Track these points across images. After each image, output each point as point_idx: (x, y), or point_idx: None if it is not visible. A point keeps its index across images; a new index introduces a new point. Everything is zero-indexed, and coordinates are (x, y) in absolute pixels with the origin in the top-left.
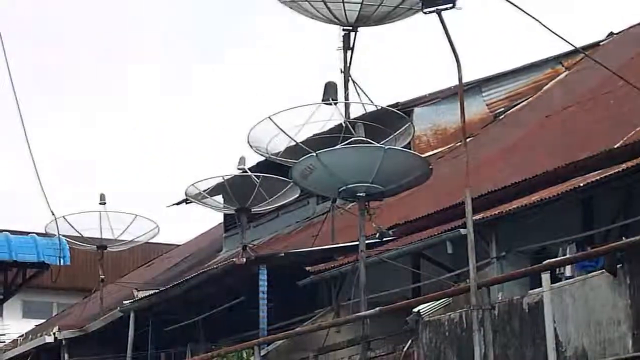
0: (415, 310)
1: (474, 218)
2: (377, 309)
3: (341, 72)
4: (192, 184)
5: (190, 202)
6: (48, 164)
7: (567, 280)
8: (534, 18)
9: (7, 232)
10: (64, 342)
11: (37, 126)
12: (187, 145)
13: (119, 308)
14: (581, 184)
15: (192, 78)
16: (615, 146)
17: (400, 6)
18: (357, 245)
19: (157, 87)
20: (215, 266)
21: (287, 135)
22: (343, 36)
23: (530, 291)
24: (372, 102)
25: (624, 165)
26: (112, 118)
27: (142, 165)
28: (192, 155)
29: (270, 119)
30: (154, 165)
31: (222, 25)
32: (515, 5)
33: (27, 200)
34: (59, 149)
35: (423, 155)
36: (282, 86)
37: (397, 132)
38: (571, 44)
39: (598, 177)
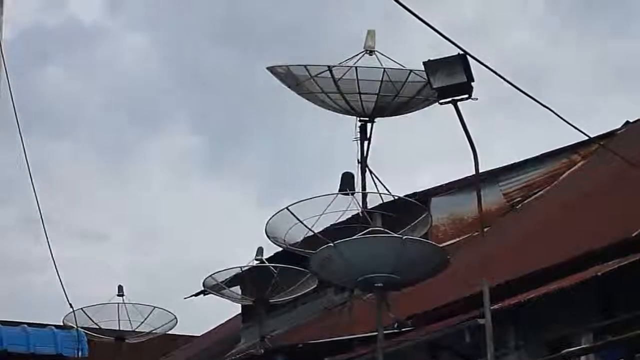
0: None
1: (491, 307)
2: None
3: (358, 162)
4: (210, 275)
5: (208, 293)
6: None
7: None
8: (548, 108)
9: (25, 325)
10: None
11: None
12: (205, 236)
13: None
14: (599, 273)
15: (210, 166)
16: (633, 235)
17: (417, 97)
18: (375, 335)
19: (176, 171)
20: (233, 357)
21: (305, 225)
22: (360, 127)
23: None
24: (389, 192)
25: None
26: (128, 205)
27: (160, 256)
28: (210, 245)
29: (288, 210)
30: (172, 255)
31: (241, 114)
32: (530, 96)
33: (44, 291)
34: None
35: (441, 245)
36: (300, 176)
37: (415, 221)
38: (586, 134)
39: (616, 266)
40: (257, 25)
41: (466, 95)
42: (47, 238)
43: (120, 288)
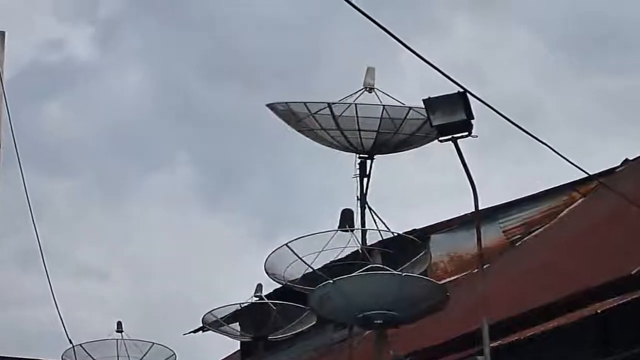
0: None
1: (491, 345)
2: None
3: (357, 199)
4: (210, 312)
5: (207, 329)
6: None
7: None
8: (547, 145)
9: None
10: None
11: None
12: (205, 272)
13: None
14: (599, 310)
15: (208, 202)
16: (632, 272)
17: (416, 134)
18: None
19: (174, 207)
20: None
21: (304, 262)
22: (359, 164)
23: None
24: (388, 229)
25: None
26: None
27: (159, 292)
28: (208, 281)
29: (287, 246)
30: (171, 291)
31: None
32: (529, 133)
33: (42, 327)
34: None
35: (440, 282)
36: (299, 213)
37: (414, 259)
38: (585, 172)
39: (616, 304)
40: (252, 61)
41: (466, 133)
42: (46, 273)
43: (119, 324)
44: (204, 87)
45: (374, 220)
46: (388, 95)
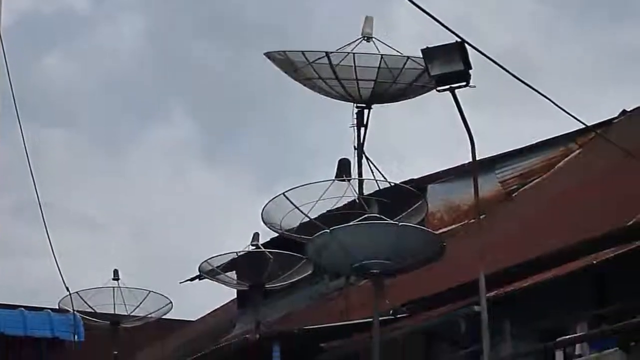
0: None
1: (487, 295)
2: None
3: (354, 149)
4: (206, 260)
5: (204, 278)
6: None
7: (580, 359)
8: (545, 97)
9: (22, 308)
10: None
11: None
12: (201, 221)
13: None
14: (594, 262)
15: (206, 154)
16: (629, 223)
17: (414, 84)
18: (370, 322)
19: (172, 159)
20: (228, 342)
21: (301, 211)
22: (356, 113)
23: None
24: (385, 179)
25: (637, 243)
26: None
27: (154, 240)
28: (206, 231)
29: (285, 196)
30: (167, 240)
31: (231, 100)
32: (526, 84)
33: (40, 275)
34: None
35: (436, 232)
36: (296, 163)
37: (411, 209)
38: (583, 123)
39: (612, 255)
40: (249, 13)
41: (464, 83)
42: (44, 223)
43: (115, 272)
44: (200, 40)
45: (371, 170)
46: (386, 44)
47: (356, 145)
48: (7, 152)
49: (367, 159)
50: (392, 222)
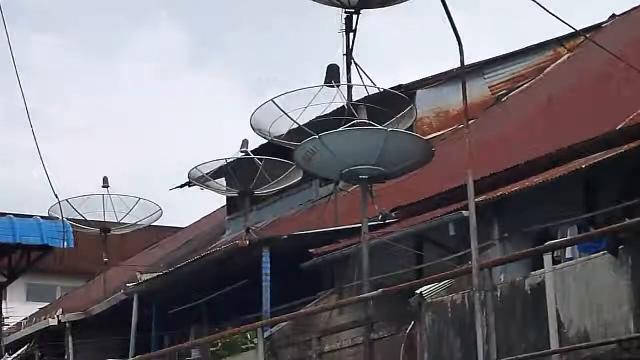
0: (418, 292)
1: (476, 200)
2: (380, 290)
3: (343, 55)
4: (195, 167)
5: (194, 185)
6: (52, 147)
7: (570, 262)
8: (534, 1)
9: (11, 215)
10: (68, 325)
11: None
12: (190, 129)
13: (122, 291)
14: (583, 166)
15: (195, 60)
16: (617, 128)
17: None
18: (360, 227)
19: (159, 67)
20: (218, 249)
21: (290, 118)
22: (345, 19)
23: (533, 273)
24: (374, 84)
25: (625, 147)
26: (113, 100)
27: (144, 148)
28: (195, 139)
29: (274, 102)
30: (157, 148)
31: (221, 8)
32: None
33: (29, 184)
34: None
35: (426, 138)
36: (283, 69)
37: (400, 114)
38: (572, 27)
39: (600, 159)
40: None
41: None
42: (32, 131)
43: (105, 179)
44: None
45: (360, 77)
46: None
47: (345, 51)
48: None
49: (356, 65)
50: (381, 127)
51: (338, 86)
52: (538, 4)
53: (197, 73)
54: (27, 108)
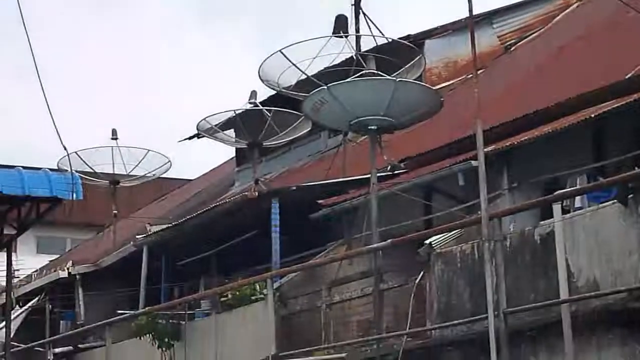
0: (427, 242)
1: (485, 150)
2: (389, 241)
3: (352, 5)
4: (204, 119)
5: (202, 136)
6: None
7: (579, 211)
8: None
9: (19, 167)
10: (77, 277)
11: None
12: (199, 80)
13: (132, 243)
14: (592, 115)
15: (205, 13)
16: (627, 76)
17: None
18: (368, 178)
19: (168, 19)
20: (227, 200)
21: (298, 68)
22: None
23: (542, 222)
24: (383, 34)
25: (635, 96)
26: (121, 54)
27: (154, 102)
28: (204, 90)
29: (282, 53)
30: (167, 101)
31: None
32: None
33: (39, 136)
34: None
35: (434, 88)
36: (292, 20)
37: (409, 64)
38: None
39: (609, 108)
40: None
41: None
42: (40, 84)
43: (114, 131)
44: None
45: (369, 27)
46: None
47: (353, 1)
48: (2, 16)
49: (365, 15)
50: (389, 77)
51: (346, 36)
52: None
53: (204, 26)
54: (33, 57)
